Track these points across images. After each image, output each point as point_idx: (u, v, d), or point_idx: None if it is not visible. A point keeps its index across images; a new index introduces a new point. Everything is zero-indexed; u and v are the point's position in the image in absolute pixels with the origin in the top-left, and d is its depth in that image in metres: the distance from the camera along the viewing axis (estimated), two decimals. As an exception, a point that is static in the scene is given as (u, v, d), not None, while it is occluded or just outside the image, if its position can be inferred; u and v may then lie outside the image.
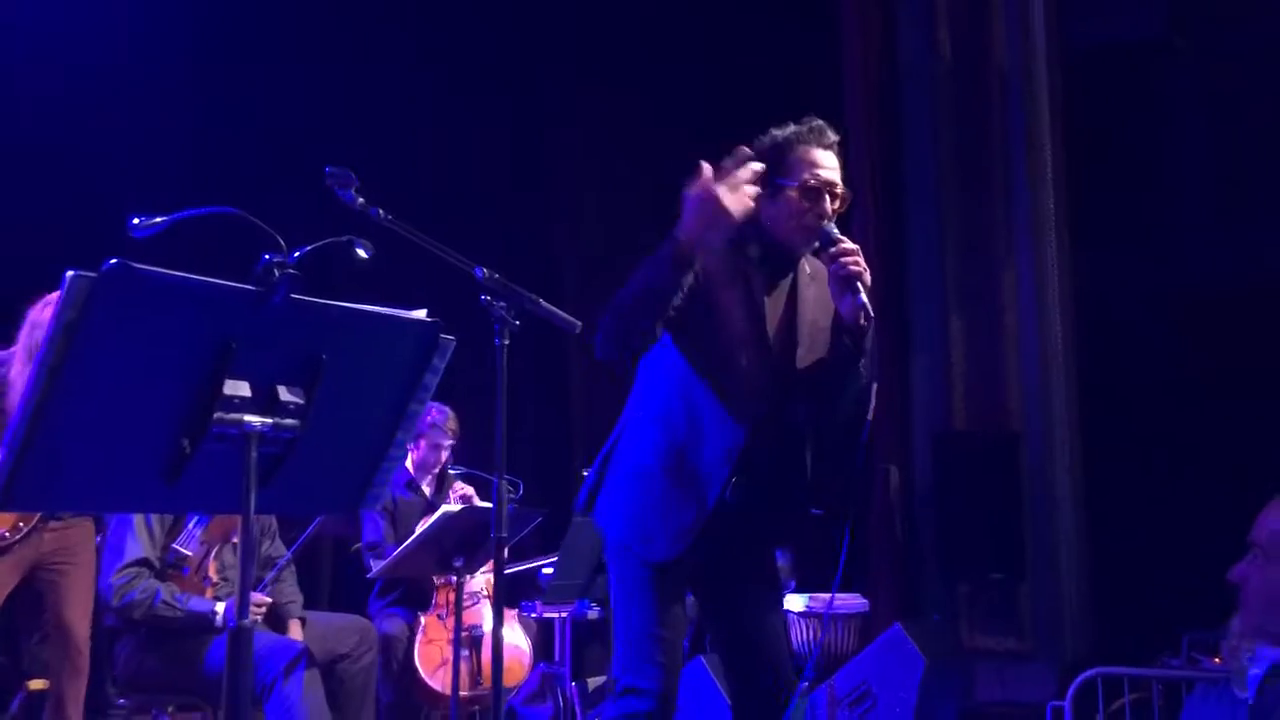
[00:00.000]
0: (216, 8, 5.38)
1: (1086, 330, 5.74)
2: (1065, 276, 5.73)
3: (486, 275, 2.39)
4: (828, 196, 2.60)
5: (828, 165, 2.62)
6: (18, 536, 3.74)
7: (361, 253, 2.09)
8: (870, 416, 2.63)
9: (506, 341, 2.42)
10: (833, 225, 2.59)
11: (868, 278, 2.52)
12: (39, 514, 3.77)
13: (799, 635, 5.00)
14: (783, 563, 5.03)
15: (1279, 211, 5.51)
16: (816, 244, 2.61)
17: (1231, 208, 5.71)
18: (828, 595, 4.76)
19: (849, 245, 2.54)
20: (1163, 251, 5.78)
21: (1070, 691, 4.32)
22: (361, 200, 2.39)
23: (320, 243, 1.92)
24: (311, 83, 5.59)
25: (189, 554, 3.63)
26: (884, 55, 6.19)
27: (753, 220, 2.54)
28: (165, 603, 3.52)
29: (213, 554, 3.69)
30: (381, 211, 2.41)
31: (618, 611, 2.64)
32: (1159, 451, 5.41)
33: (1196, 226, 5.85)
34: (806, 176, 2.60)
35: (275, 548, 4.09)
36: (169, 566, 3.63)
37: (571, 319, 2.48)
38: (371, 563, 4.46)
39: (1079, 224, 5.82)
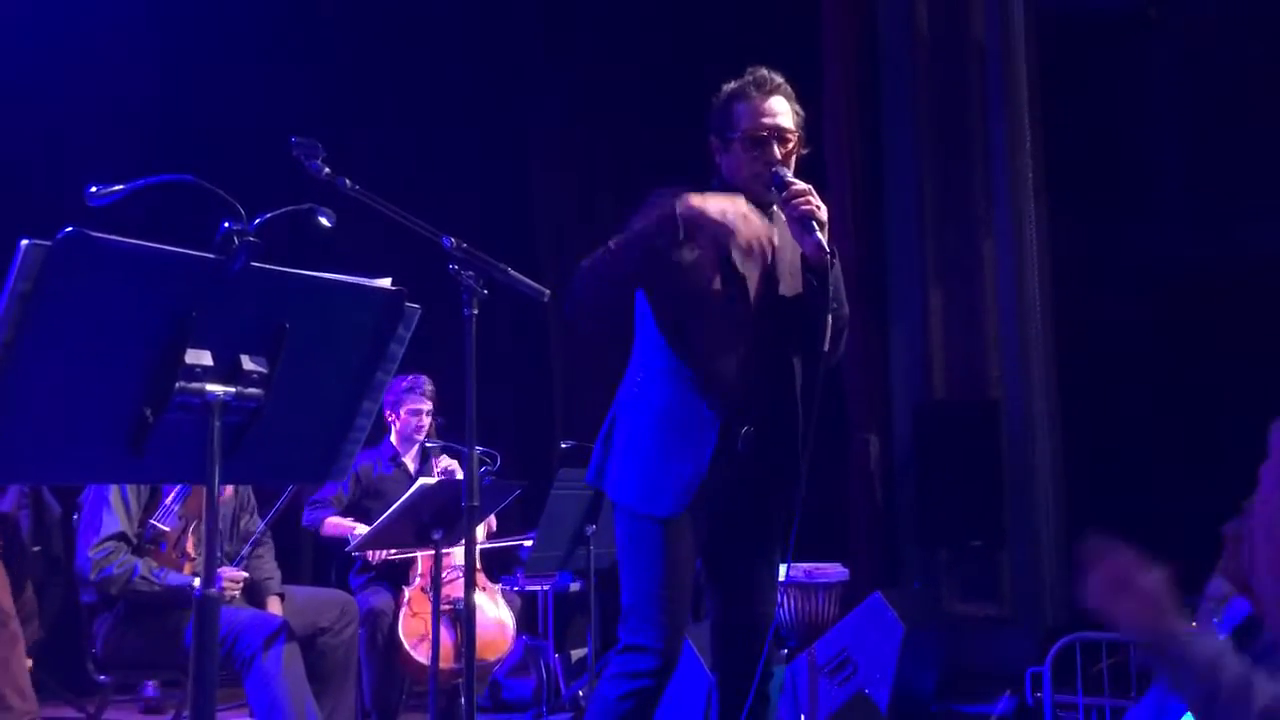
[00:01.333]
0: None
1: (1065, 300, 5.76)
2: (1044, 247, 5.74)
3: (454, 244, 2.38)
4: (775, 142, 2.66)
5: (771, 112, 2.68)
6: None
7: (324, 221, 2.07)
8: (840, 350, 2.69)
9: (475, 311, 2.42)
10: (784, 169, 2.64)
11: (823, 215, 2.59)
12: None
13: (781, 606, 5.03)
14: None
15: (1256, 182, 5.53)
16: (772, 189, 2.65)
17: (1209, 178, 5.71)
18: (807, 565, 4.79)
19: (800, 186, 2.60)
20: (1141, 221, 5.79)
21: (1049, 656, 4.37)
22: (328, 170, 2.37)
23: (281, 210, 1.90)
24: (277, 51, 5.55)
25: (166, 529, 3.63)
26: (862, 27, 6.17)
27: (716, 175, 2.67)
28: (143, 577, 3.51)
29: (191, 528, 3.69)
30: (349, 181, 2.39)
31: (625, 573, 2.67)
32: (1137, 419, 5.44)
33: (1175, 197, 5.86)
34: (748, 125, 2.66)
35: (253, 522, 4.08)
36: (147, 542, 3.62)
37: (540, 287, 2.48)
38: (347, 532, 4.46)
39: (1057, 195, 5.83)
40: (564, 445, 4.74)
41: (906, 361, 5.87)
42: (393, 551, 4.40)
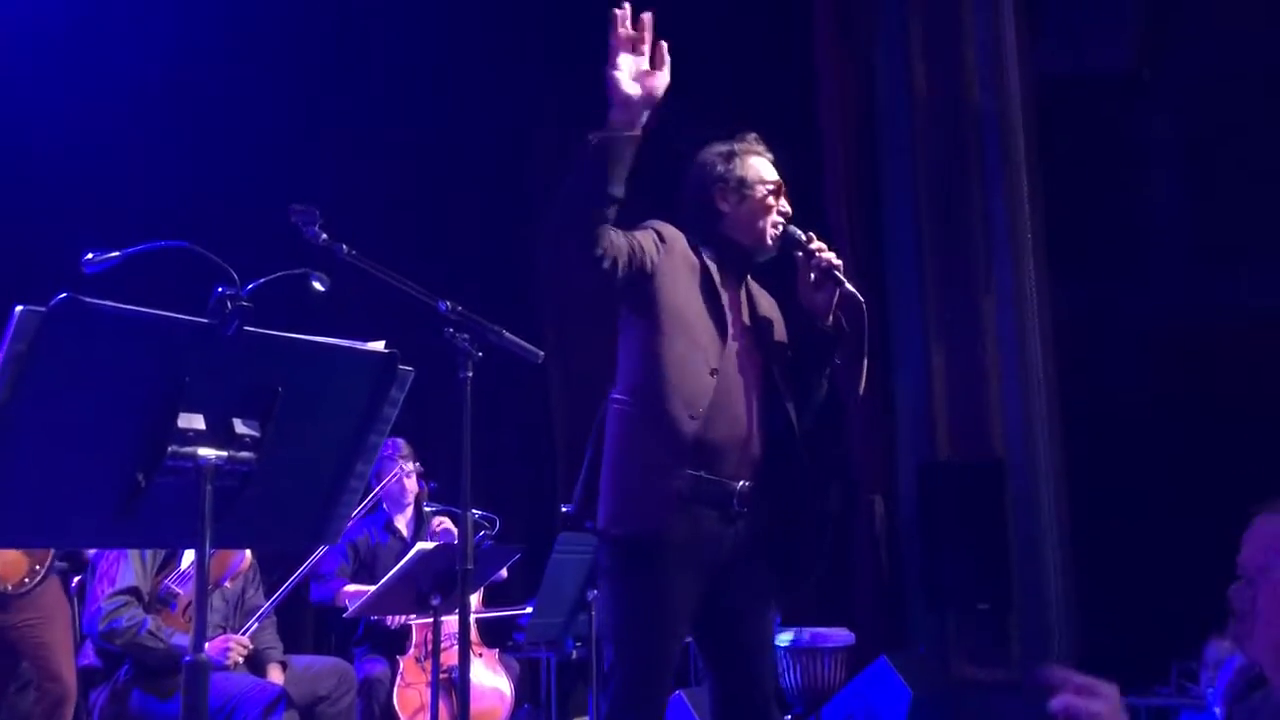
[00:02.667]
0: (176, 39, 5.39)
1: (1067, 359, 5.76)
2: (1044, 306, 5.76)
3: (449, 308, 2.40)
4: (783, 198, 2.74)
5: (776, 170, 2.77)
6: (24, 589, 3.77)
7: (318, 285, 2.09)
8: (862, 391, 2.69)
9: (470, 374, 2.43)
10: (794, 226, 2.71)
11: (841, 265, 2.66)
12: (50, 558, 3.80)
13: (786, 672, 4.97)
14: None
15: (1253, 241, 5.55)
16: (781, 244, 2.71)
17: (1206, 237, 5.75)
18: (812, 629, 4.73)
19: (818, 241, 2.67)
20: (1140, 280, 5.82)
21: (1058, 721, 4.29)
22: (325, 237, 2.40)
23: (275, 275, 1.92)
24: (275, 115, 5.62)
25: (180, 592, 3.64)
26: (860, 92, 6.26)
27: (710, 223, 2.69)
28: (150, 633, 3.51)
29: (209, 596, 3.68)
30: (345, 247, 2.42)
31: (610, 633, 2.56)
32: (1143, 479, 5.40)
33: (1174, 256, 5.89)
34: (768, 178, 2.73)
35: (257, 597, 4.08)
36: (158, 601, 3.63)
37: (534, 350, 2.49)
38: (346, 600, 4.42)
39: (1057, 255, 5.86)
40: (565, 510, 4.70)
41: (911, 421, 5.86)
42: (410, 616, 4.36)
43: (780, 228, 2.70)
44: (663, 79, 2.43)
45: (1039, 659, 5.37)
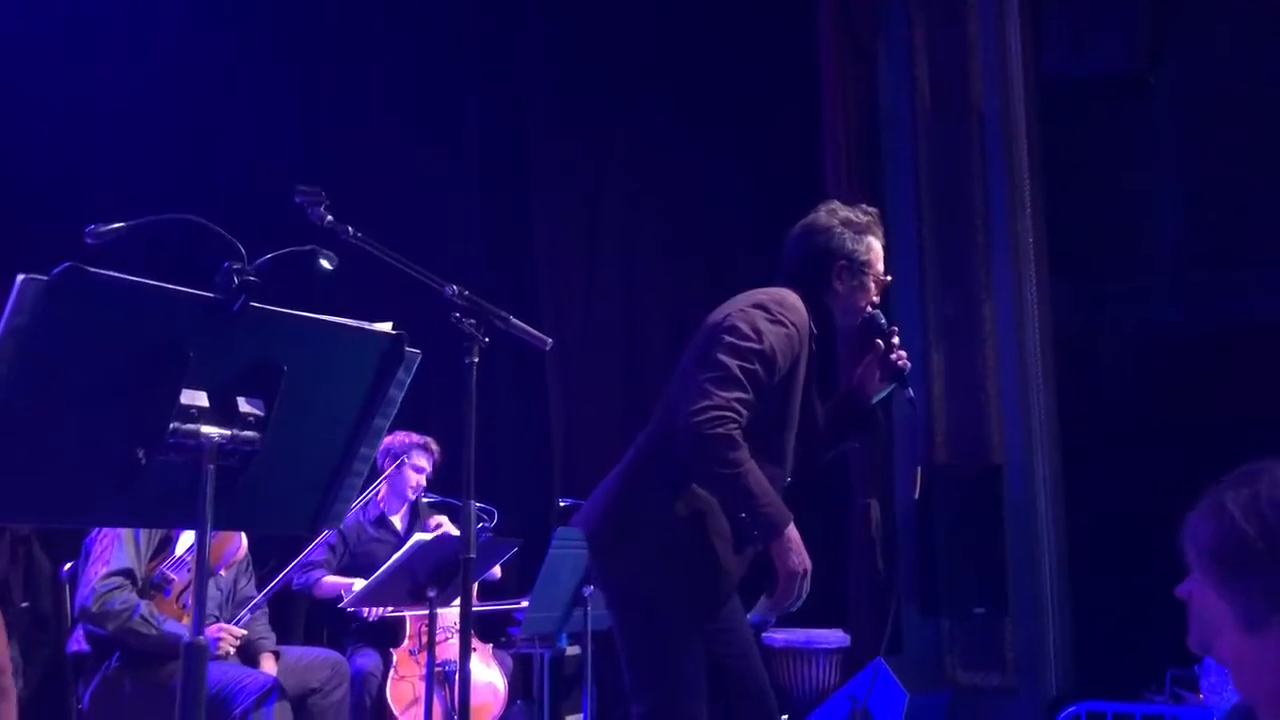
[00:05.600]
0: (185, 12, 5.36)
1: (1067, 364, 5.75)
2: (1044, 310, 5.74)
3: (456, 292, 2.37)
4: None
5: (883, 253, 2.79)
6: None
7: (325, 263, 2.06)
8: (916, 496, 2.72)
9: (476, 360, 2.39)
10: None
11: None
12: None
13: (779, 673, 4.94)
14: (760, 600, 4.97)
15: (1254, 246, 5.55)
16: (862, 328, 2.77)
17: (1207, 242, 5.73)
18: (807, 631, 4.70)
19: (897, 339, 2.73)
20: (1141, 285, 5.80)
21: (1055, 727, 4.28)
22: (330, 218, 2.37)
23: (283, 251, 1.89)
24: (286, 95, 5.59)
25: (174, 578, 3.60)
26: (863, 94, 6.24)
27: (818, 293, 2.68)
28: (143, 618, 3.47)
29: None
30: (351, 229, 2.39)
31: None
32: (1141, 485, 5.39)
33: (1174, 260, 5.88)
34: (880, 268, 2.77)
35: (249, 588, 4.05)
36: (152, 586, 3.58)
37: (542, 336, 2.46)
38: (338, 590, 4.38)
39: (1057, 258, 5.84)
40: (562, 504, 4.68)
41: (908, 426, 5.83)
42: (387, 610, 4.32)
43: (871, 316, 2.76)
44: None
45: (1035, 664, 5.35)
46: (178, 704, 1.67)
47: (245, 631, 3.79)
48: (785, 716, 4.43)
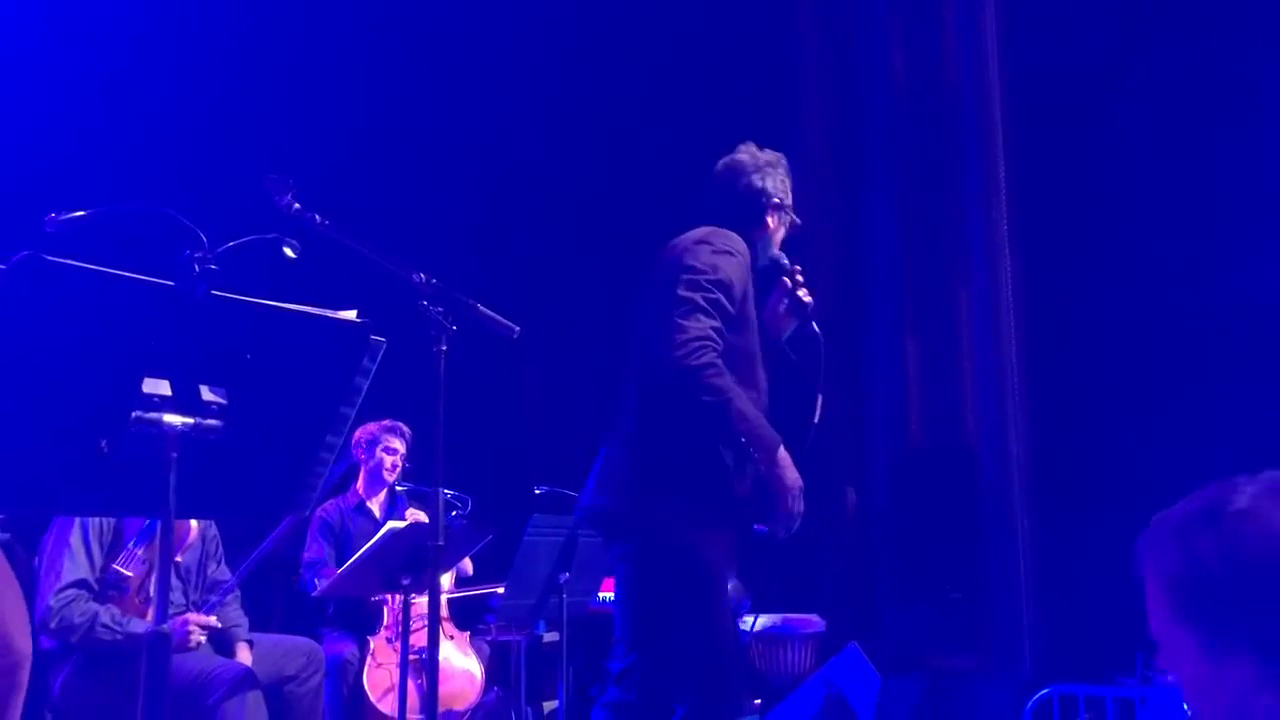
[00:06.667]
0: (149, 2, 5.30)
1: (1040, 349, 5.78)
2: (1019, 295, 5.77)
3: (423, 280, 2.37)
4: None
5: None
6: None
7: (289, 251, 2.05)
8: (817, 421, 2.70)
9: (444, 348, 2.39)
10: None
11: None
12: None
13: (756, 657, 4.96)
14: (734, 583, 4.99)
15: (1226, 234, 5.58)
16: (769, 265, 2.81)
17: (1181, 231, 5.77)
18: (783, 615, 4.73)
19: (801, 275, 2.78)
20: (1115, 270, 5.83)
21: (1028, 710, 4.32)
22: (297, 205, 2.36)
23: (245, 239, 1.88)
24: (248, 79, 5.54)
25: (129, 574, 3.54)
26: (840, 81, 6.25)
27: (749, 232, 2.74)
28: (105, 625, 3.42)
29: (155, 573, 3.60)
30: (318, 217, 2.38)
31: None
32: (1114, 469, 5.43)
33: (1148, 245, 5.91)
34: (793, 206, 2.87)
35: (220, 571, 4.01)
36: (109, 588, 3.53)
37: (509, 324, 2.46)
38: (317, 582, 4.38)
39: (1032, 244, 5.87)
40: (538, 491, 4.69)
41: (884, 411, 5.86)
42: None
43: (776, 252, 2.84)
44: None
45: (1009, 647, 5.40)
46: (141, 693, 1.67)
47: (214, 620, 3.74)
48: (759, 700, 4.46)
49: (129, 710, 3.51)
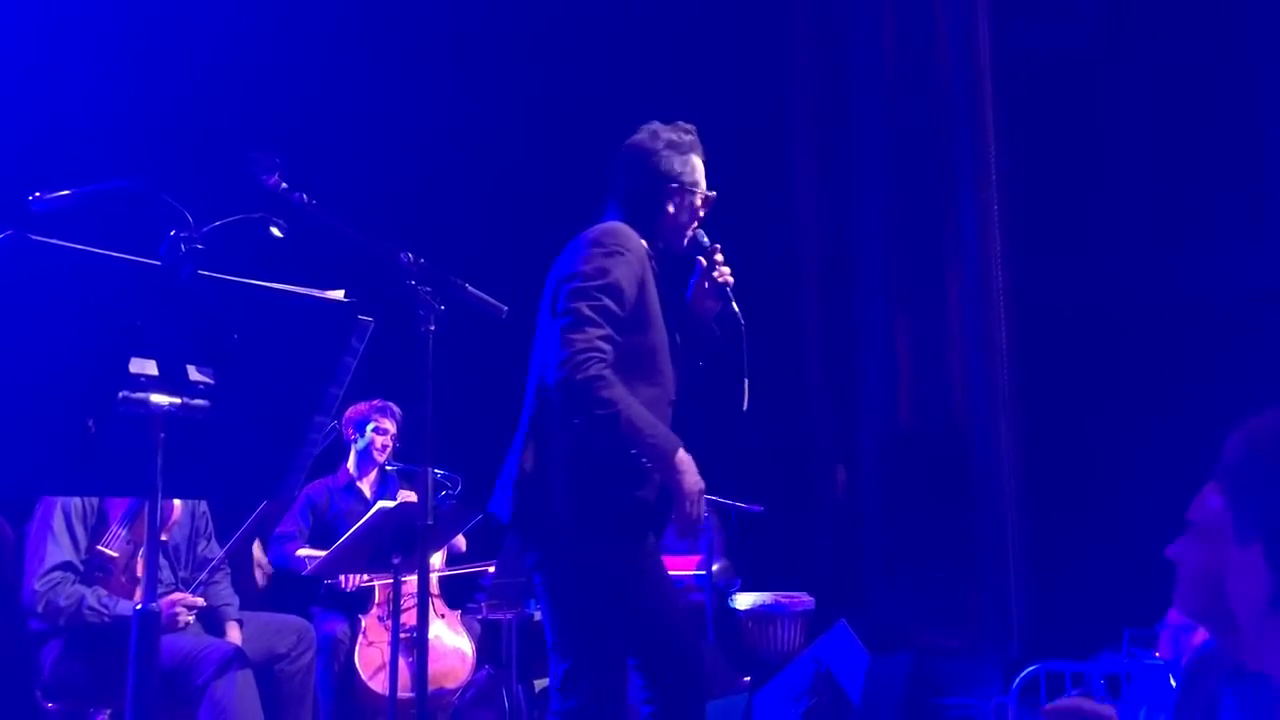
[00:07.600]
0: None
1: (1030, 331, 5.80)
2: (1008, 277, 5.79)
3: (410, 260, 2.36)
4: None
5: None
6: None
7: (276, 231, 2.05)
8: (745, 408, 2.69)
9: (432, 328, 2.39)
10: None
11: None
12: None
13: (746, 636, 4.99)
14: (723, 563, 5.02)
15: (1214, 217, 5.60)
16: (688, 246, 2.73)
17: (1170, 213, 5.79)
18: (773, 594, 4.76)
19: (721, 254, 2.71)
20: (1104, 253, 5.86)
21: (1015, 687, 4.35)
22: (284, 185, 2.35)
23: (232, 219, 1.88)
24: (235, 57, 5.50)
25: (114, 554, 3.53)
26: (831, 64, 6.24)
27: (649, 220, 2.67)
28: (91, 608, 3.42)
29: (140, 553, 3.60)
30: (305, 196, 2.37)
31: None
32: (1101, 450, 5.47)
33: (1138, 229, 5.93)
34: (705, 184, 2.73)
35: (210, 549, 4.00)
36: (94, 569, 3.53)
37: (497, 304, 2.46)
38: (303, 559, 4.38)
39: (1022, 227, 5.89)
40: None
41: (874, 391, 5.88)
42: (365, 577, 4.32)
43: (696, 235, 2.74)
44: None
45: (997, 625, 5.44)
46: (129, 672, 1.68)
47: (202, 600, 3.74)
48: (748, 678, 4.49)
49: (116, 687, 3.52)
